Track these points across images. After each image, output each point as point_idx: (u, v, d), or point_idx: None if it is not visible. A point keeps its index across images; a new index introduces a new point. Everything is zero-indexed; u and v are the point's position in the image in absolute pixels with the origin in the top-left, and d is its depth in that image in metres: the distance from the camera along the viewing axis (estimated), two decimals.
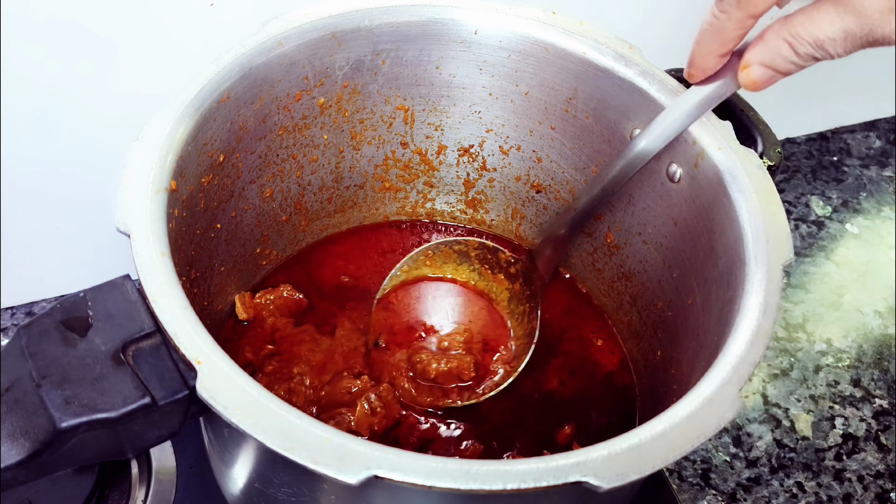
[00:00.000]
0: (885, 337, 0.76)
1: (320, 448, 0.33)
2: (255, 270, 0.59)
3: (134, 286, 0.38)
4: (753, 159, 0.47)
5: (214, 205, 0.50)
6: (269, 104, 0.51)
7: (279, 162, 0.55)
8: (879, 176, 0.89)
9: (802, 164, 0.89)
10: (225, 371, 0.35)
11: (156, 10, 0.55)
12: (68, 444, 0.35)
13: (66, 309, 0.37)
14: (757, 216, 0.44)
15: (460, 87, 0.57)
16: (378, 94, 0.56)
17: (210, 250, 0.50)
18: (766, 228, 0.44)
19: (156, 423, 0.37)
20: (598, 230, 0.60)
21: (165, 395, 0.36)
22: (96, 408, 0.35)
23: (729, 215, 0.46)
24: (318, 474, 0.32)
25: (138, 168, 0.41)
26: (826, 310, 0.77)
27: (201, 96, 0.45)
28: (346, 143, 0.58)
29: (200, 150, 0.46)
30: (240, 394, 0.34)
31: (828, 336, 0.75)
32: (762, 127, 0.50)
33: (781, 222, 0.44)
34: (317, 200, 0.60)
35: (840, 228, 0.84)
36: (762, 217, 0.44)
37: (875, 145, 0.91)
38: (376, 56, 0.54)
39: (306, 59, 0.51)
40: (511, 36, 0.54)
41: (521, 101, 0.57)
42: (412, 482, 0.32)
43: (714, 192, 0.47)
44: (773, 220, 0.44)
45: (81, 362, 0.36)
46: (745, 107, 0.51)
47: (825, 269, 0.81)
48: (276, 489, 0.42)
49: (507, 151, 0.61)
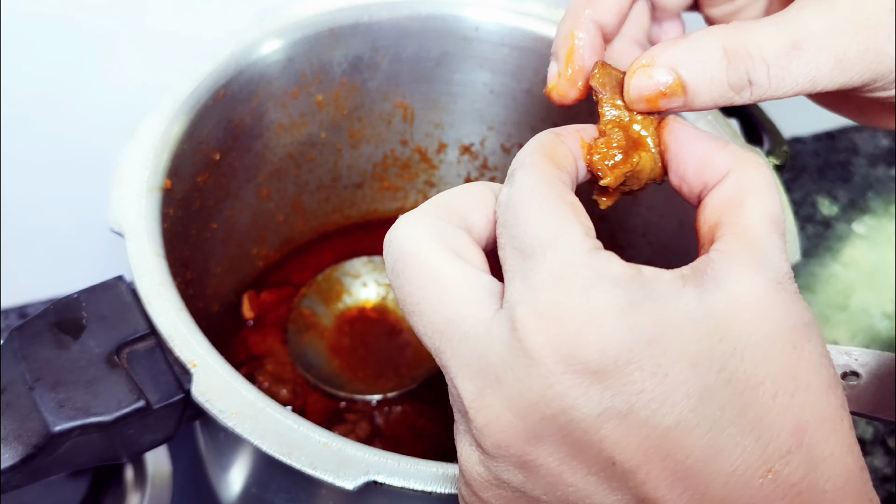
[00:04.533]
0: (892, 339, 0.75)
1: (318, 453, 0.33)
2: (252, 271, 0.58)
3: (128, 287, 0.38)
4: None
5: (210, 204, 0.49)
6: (266, 101, 0.51)
7: (276, 160, 0.55)
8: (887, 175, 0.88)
9: (809, 163, 0.88)
10: (221, 374, 0.35)
11: (150, 6, 0.54)
12: (62, 448, 0.35)
13: (60, 311, 0.37)
14: None
15: (461, 84, 0.57)
16: (377, 92, 0.56)
17: (205, 250, 0.50)
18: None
19: (150, 427, 0.36)
20: (602, 230, 0.59)
21: (160, 398, 0.36)
22: (90, 411, 0.34)
23: None
24: (315, 479, 0.32)
25: (132, 167, 0.41)
26: (833, 311, 0.77)
27: (196, 94, 0.45)
28: (344, 142, 0.58)
29: (195, 149, 0.46)
30: (236, 397, 0.34)
31: (835, 338, 0.74)
32: (768, 125, 0.50)
33: (788, 223, 0.44)
34: (314, 200, 0.60)
35: (847, 229, 0.83)
36: None
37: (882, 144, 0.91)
38: (375, 53, 0.53)
39: (304, 55, 0.51)
40: (513, 32, 0.53)
41: (523, 99, 0.56)
42: (411, 488, 0.32)
43: None
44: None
45: (75, 365, 0.36)
46: (751, 105, 0.51)
47: (832, 270, 0.80)
48: (273, 494, 0.41)
49: (508, 149, 0.60)
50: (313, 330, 0.56)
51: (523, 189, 0.24)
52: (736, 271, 0.23)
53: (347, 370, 0.55)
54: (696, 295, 0.22)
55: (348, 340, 0.56)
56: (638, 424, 0.21)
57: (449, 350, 0.23)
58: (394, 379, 0.55)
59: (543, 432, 0.22)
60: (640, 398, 0.21)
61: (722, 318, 0.22)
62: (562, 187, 0.25)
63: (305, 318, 0.57)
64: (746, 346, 0.22)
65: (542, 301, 0.22)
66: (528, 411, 0.22)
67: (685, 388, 0.21)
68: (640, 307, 0.22)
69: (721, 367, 0.22)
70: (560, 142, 0.27)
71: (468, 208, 0.26)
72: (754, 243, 0.23)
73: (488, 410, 0.23)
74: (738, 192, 0.25)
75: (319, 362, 0.55)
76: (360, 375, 0.55)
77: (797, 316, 0.23)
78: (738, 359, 0.22)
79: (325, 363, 0.55)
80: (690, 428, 0.21)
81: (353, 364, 0.55)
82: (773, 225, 0.24)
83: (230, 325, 0.56)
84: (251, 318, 0.56)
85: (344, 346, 0.56)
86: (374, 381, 0.55)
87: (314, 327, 0.57)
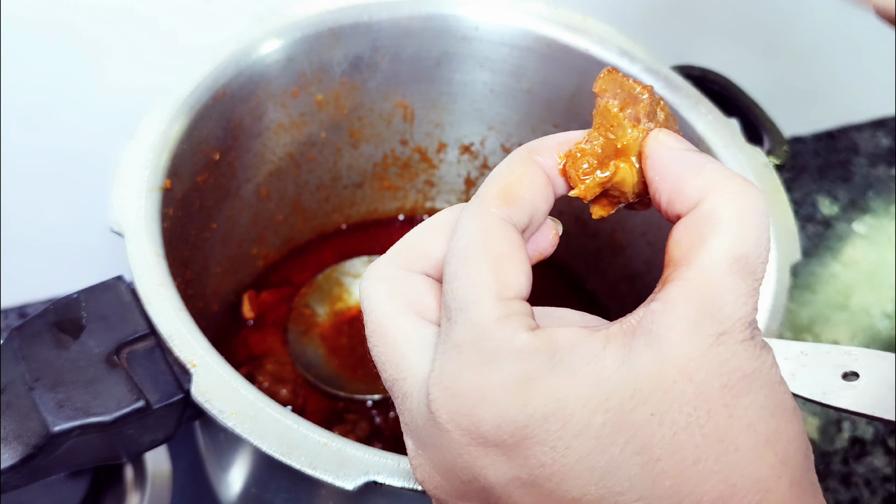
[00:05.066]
0: (892, 339, 0.75)
1: (318, 453, 0.33)
2: (252, 271, 0.58)
3: (128, 287, 0.38)
4: (760, 158, 0.47)
5: (210, 204, 0.49)
6: (266, 101, 0.51)
7: (276, 160, 0.55)
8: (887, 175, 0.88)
9: (809, 162, 0.88)
10: (220, 374, 0.35)
11: (150, 5, 0.54)
12: (61, 449, 0.35)
13: (59, 310, 0.37)
14: None
15: (461, 83, 0.57)
16: (377, 91, 0.56)
17: (205, 250, 0.50)
18: (774, 228, 0.43)
19: (150, 427, 0.36)
20: (602, 230, 0.59)
21: (160, 398, 0.36)
22: (90, 411, 0.34)
23: None
24: (315, 479, 0.32)
25: (132, 167, 0.41)
26: (833, 311, 0.76)
27: (196, 93, 0.45)
28: (344, 141, 0.58)
29: (195, 149, 0.46)
30: (236, 397, 0.34)
31: (835, 338, 0.74)
32: (769, 125, 0.50)
33: (789, 222, 0.44)
34: (314, 200, 0.60)
35: (847, 229, 0.83)
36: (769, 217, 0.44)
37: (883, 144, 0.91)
38: (375, 52, 0.53)
39: (304, 55, 0.51)
40: (513, 32, 0.53)
41: (523, 98, 0.56)
42: (411, 488, 0.32)
43: None
44: (781, 220, 0.44)
45: (75, 365, 0.36)
46: (752, 104, 0.51)
47: (832, 269, 0.80)
48: (272, 494, 0.41)
49: (508, 149, 0.60)
50: (313, 330, 0.56)
51: (457, 239, 0.23)
52: (671, 326, 0.21)
53: (347, 370, 0.55)
54: (619, 357, 0.21)
55: (348, 340, 0.56)
56: (543, 495, 0.21)
57: (397, 404, 0.24)
58: None
59: (468, 493, 0.23)
60: (541, 471, 0.21)
61: (643, 381, 0.21)
62: (496, 234, 0.23)
63: (305, 318, 0.57)
64: (667, 411, 0.21)
65: (445, 374, 0.22)
66: (449, 475, 0.23)
67: (588, 461, 0.21)
68: (539, 382, 0.21)
69: (631, 436, 0.21)
70: (526, 165, 0.24)
71: (433, 246, 0.24)
72: (704, 292, 0.21)
73: (422, 469, 0.24)
74: (703, 227, 0.22)
75: (319, 362, 0.55)
76: (359, 375, 0.55)
77: (734, 370, 0.21)
78: (654, 425, 0.21)
79: (325, 363, 0.55)
80: (594, 500, 0.21)
81: (353, 364, 0.55)
82: (734, 267, 0.21)
83: (230, 325, 0.56)
84: (251, 318, 0.56)
85: (344, 345, 0.56)
86: (374, 380, 0.55)
87: (314, 327, 0.56)
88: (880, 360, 0.28)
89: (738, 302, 0.21)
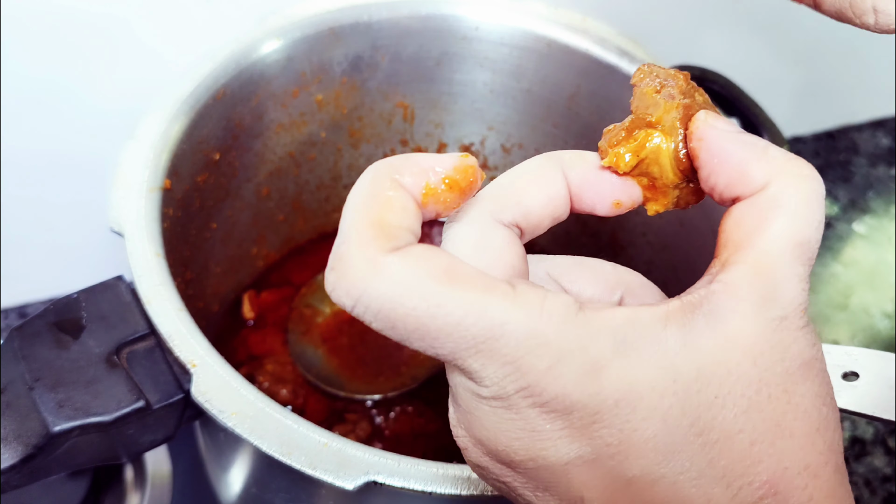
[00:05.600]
0: (892, 339, 0.75)
1: (318, 453, 0.33)
2: (252, 271, 0.58)
3: (128, 287, 0.38)
4: None
5: (210, 204, 0.49)
6: (266, 101, 0.51)
7: (276, 160, 0.55)
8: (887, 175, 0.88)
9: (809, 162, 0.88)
10: (220, 374, 0.35)
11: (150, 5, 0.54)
12: (61, 449, 0.35)
13: (59, 310, 0.37)
14: None
15: (461, 83, 0.57)
16: (377, 91, 0.56)
17: (205, 250, 0.50)
18: None
19: (150, 427, 0.36)
20: (602, 230, 0.59)
21: (160, 398, 0.36)
22: (90, 411, 0.34)
23: None
24: (315, 479, 0.32)
25: (132, 167, 0.41)
26: (833, 311, 0.76)
27: (196, 93, 0.45)
28: (344, 141, 0.58)
29: (195, 149, 0.46)
30: (236, 397, 0.34)
31: (835, 338, 0.74)
32: (769, 125, 0.50)
33: None
34: (314, 199, 0.60)
35: (847, 229, 0.83)
36: None
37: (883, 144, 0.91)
38: (375, 52, 0.53)
39: (304, 55, 0.51)
40: (513, 32, 0.53)
41: (523, 98, 0.56)
42: (411, 488, 0.32)
43: None
44: None
45: (75, 365, 0.36)
46: (752, 104, 0.51)
47: (832, 269, 0.80)
48: (273, 494, 0.41)
49: (508, 149, 0.60)
50: (313, 330, 0.56)
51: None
52: (735, 309, 0.21)
53: (347, 370, 0.55)
54: (680, 337, 0.21)
55: (348, 340, 0.56)
56: (603, 472, 0.21)
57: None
58: (394, 378, 0.54)
59: (516, 465, 0.22)
60: (606, 450, 0.21)
61: (707, 363, 0.21)
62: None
63: (305, 318, 0.57)
64: (729, 393, 0.21)
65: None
66: (497, 453, 0.22)
67: (654, 442, 0.21)
68: (610, 367, 0.21)
69: (696, 417, 0.21)
70: (387, 193, 0.23)
71: (527, 193, 0.25)
72: (767, 275, 0.21)
73: (464, 440, 0.23)
74: (768, 210, 0.22)
75: (319, 362, 0.55)
76: (360, 375, 0.55)
77: (795, 356, 0.21)
78: (717, 407, 0.21)
79: (325, 363, 0.55)
80: (654, 479, 0.21)
81: (353, 364, 0.55)
82: (797, 251, 0.22)
83: (230, 325, 0.56)
84: (251, 318, 0.56)
85: (344, 345, 0.56)
86: (374, 380, 0.55)
87: (314, 327, 0.56)
88: (880, 360, 0.28)
89: (798, 287, 0.22)
